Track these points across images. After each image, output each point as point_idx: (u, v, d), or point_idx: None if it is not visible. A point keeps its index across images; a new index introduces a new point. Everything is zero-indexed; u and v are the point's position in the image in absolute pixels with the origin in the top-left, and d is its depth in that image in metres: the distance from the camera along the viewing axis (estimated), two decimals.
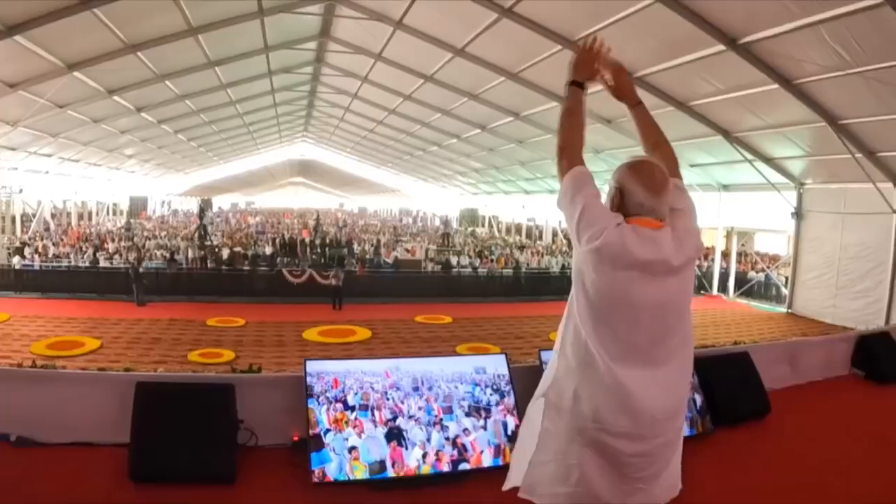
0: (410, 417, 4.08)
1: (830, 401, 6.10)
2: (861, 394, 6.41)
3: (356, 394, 4.07)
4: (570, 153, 2.58)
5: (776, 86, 14.30)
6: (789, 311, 21.83)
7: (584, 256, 2.36)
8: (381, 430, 3.98)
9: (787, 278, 23.16)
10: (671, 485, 2.46)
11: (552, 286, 27.44)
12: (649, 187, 2.41)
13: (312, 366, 4.09)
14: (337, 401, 4.01)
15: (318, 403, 3.97)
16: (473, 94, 23.37)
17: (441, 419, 4.12)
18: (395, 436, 3.98)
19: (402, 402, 4.12)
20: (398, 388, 4.16)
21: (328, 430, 3.89)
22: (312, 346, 16.42)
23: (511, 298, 26.03)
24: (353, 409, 4.01)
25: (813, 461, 4.61)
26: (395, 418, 4.05)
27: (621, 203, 2.44)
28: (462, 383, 4.29)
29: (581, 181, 2.46)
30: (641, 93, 11.49)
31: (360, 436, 3.92)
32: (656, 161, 2.54)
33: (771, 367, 5.92)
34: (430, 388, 4.22)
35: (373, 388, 4.12)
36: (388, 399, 4.11)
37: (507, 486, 2.64)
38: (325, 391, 4.03)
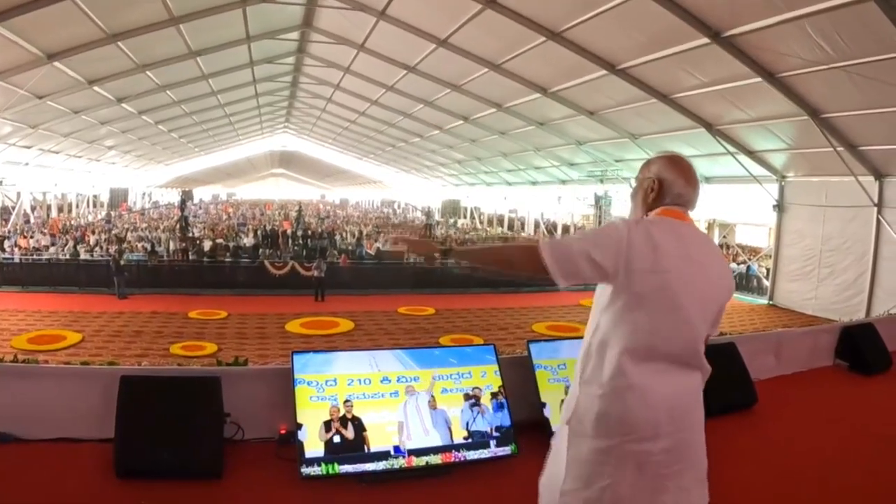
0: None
1: (816, 391, 6.16)
2: (846, 384, 6.47)
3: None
4: (519, 250, 2.65)
5: (759, 79, 14.35)
6: (770, 302, 22.01)
7: (627, 276, 2.31)
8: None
9: (768, 270, 23.34)
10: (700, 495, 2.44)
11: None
12: (688, 179, 2.51)
13: (300, 359, 4.05)
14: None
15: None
16: (456, 86, 23.31)
17: None
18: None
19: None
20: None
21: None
22: (295, 337, 16.37)
23: (494, 290, 25.97)
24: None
25: (801, 451, 4.65)
26: None
27: (659, 194, 2.49)
28: None
29: (555, 244, 2.40)
30: (624, 85, 11.77)
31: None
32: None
33: (757, 357, 5.97)
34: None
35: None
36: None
37: None
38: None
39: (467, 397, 4.14)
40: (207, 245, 27.50)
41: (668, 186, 2.48)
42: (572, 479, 2.40)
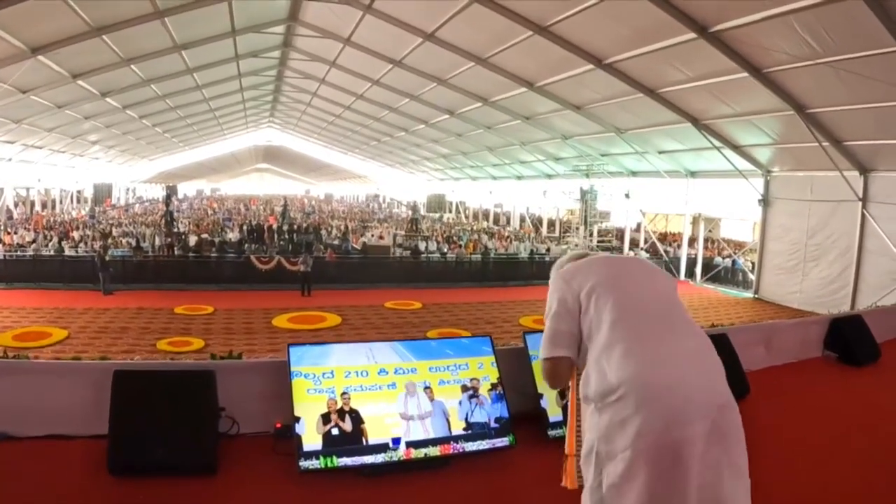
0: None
1: (806, 382, 6.21)
2: (835, 376, 6.52)
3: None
4: (543, 372, 2.70)
5: (745, 74, 14.48)
6: (756, 296, 22.17)
7: (583, 298, 2.54)
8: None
9: (753, 264, 23.49)
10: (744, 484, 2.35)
11: (520, 271, 27.65)
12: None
13: (297, 351, 4.03)
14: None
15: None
16: (442, 80, 23.33)
17: None
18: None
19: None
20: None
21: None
22: (282, 332, 16.29)
23: (480, 284, 26.10)
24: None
25: (792, 440, 4.69)
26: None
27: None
28: None
29: (543, 345, 2.63)
30: (611, 80, 11.90)
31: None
32: None
33: (748, 348, 6.00)
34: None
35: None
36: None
37: None
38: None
39: (464, 389, 4.14)
40: (193, 240, 27.38)
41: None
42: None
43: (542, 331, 2.63)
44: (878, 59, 11.83)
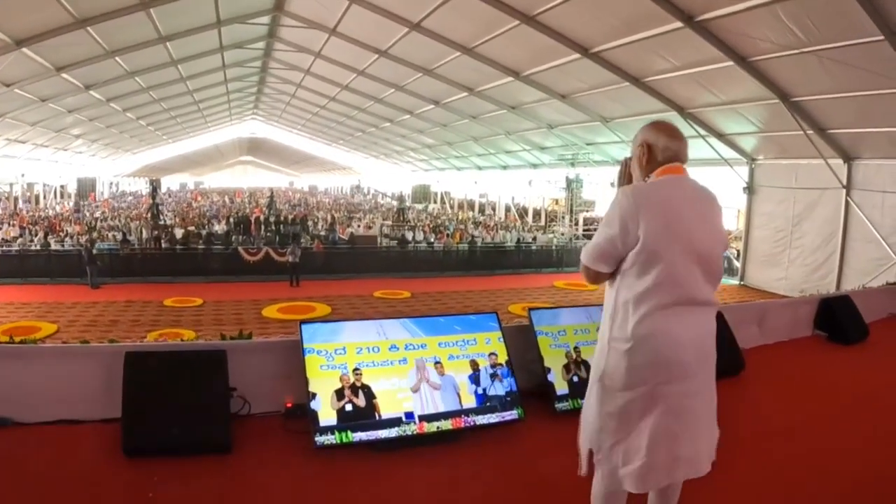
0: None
1: (799, 360, 6.37)
2: (825, 354, 6.68)
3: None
4: (582, 270, 2.76)
5: (731, 63, 14.52)
6: (741, 283, 22.34)
7: (642, 239, 2.52)
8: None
9: (738, 251, 23.65)
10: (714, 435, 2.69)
11: (508, 260, 27.86)
12: (671, 134, 2.75)
13: (308, 329, 4.11)
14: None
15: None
16: (428, 70, 23.28)
17: None
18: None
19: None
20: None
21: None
22: (272, 323, 16.33)
23: (467, 272, 26.27)
24: None
25: (785, 416, 4.80)
26: None
27: (650, 156, 2.74)
28: None
29: (586, 249, 2.70)
30: (597, 69, 11.93)
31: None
32: None
33: (741, 327, 6.13)
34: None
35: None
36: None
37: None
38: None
39: (473, 364, 4.24)
40: (179, 233, 27.30)
41: (655, 146, 2.72)
42: (611, 432, 2.56)
43: (545, 308, 2.74)
44: (862, 47, 11.92)
